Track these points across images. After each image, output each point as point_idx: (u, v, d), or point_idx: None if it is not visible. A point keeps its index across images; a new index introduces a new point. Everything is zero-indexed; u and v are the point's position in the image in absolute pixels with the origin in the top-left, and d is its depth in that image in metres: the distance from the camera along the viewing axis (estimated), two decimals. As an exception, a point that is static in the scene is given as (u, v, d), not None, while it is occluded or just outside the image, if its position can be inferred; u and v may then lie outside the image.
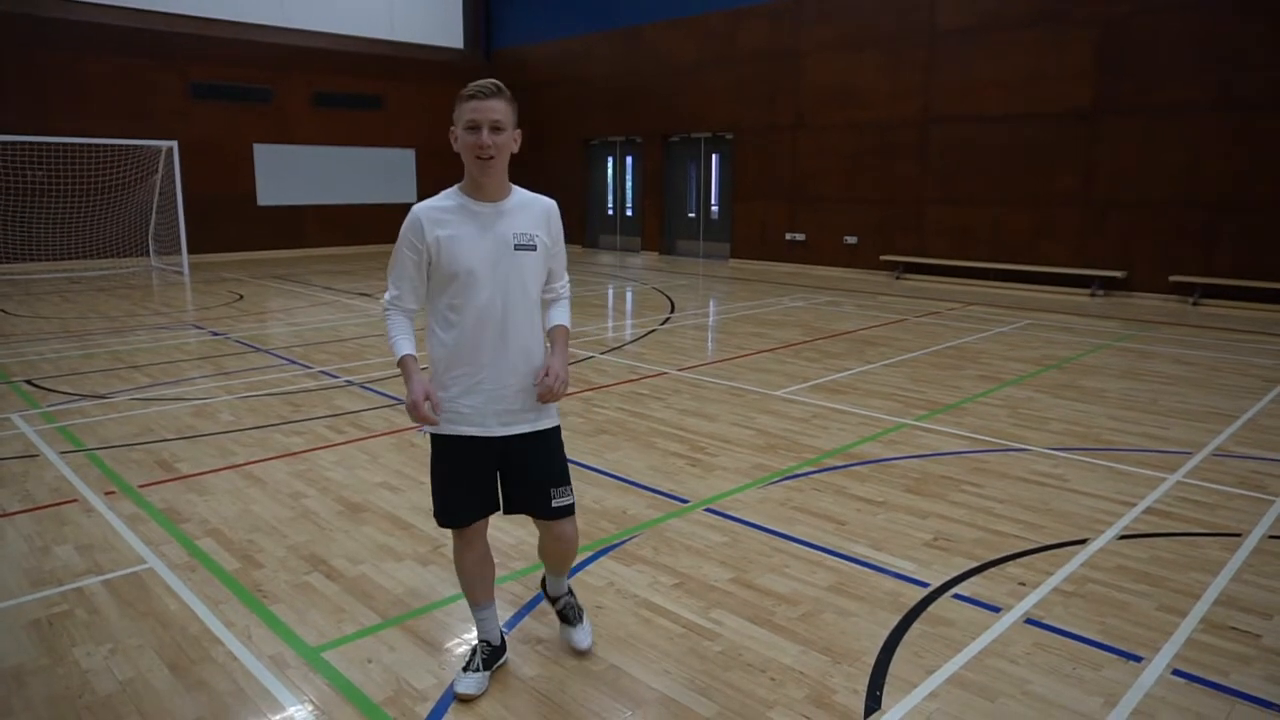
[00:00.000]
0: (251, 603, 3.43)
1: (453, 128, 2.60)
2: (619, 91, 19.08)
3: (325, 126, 19.12)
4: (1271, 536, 4.06)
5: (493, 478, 2.76)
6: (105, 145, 15.28)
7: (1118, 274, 12.42)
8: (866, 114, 14.97)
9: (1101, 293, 12.59)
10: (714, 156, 17.96)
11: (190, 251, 15.63)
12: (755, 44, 16.40)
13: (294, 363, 7.99)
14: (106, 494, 4.63)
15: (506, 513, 2.81)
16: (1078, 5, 12.42)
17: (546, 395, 2.65)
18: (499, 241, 2.60)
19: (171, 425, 5.96)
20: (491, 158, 2.53)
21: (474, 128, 2.51)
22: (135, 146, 15.55)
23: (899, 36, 14.38)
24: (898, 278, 14.79)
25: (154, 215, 16.24)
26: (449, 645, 3.14)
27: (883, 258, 15.03)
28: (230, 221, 17.88)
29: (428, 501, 4.50)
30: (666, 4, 17.77)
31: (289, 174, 18.69)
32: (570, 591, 3.12)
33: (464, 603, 3.43)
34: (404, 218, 2.63)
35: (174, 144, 15.16)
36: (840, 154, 15.45)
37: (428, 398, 2.56)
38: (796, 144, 16.06)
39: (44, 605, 3.41)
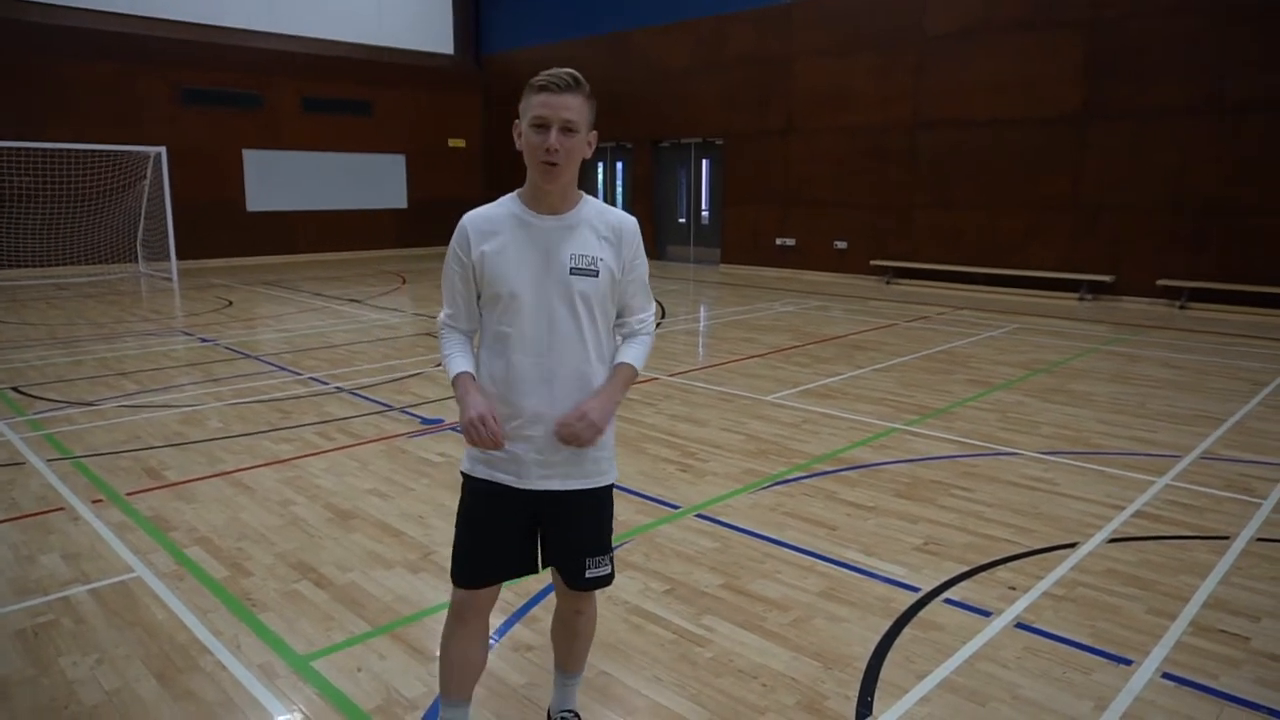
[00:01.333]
0: (240, 611, 3.40)
1: (517, 121, 2.18)
2: (609, 97, 19.07)
3: (315, 132, 19.07)
4: (1259, 539, 4.08)
5: (525, 536, 2.32)
6: (93, 151, 15.20)
7: (1106, 278, 12.49)
8: (856, 119, 15.02)
9: (1090, 297, 12.66)
10: (704, 161, 18.00)
11: (179, 257, 15.55)
12: (745, 49, 16.45)
13: (283, 369, 7.96)
14: (94, 502, 4.60)
15: (542, 567, 2.40)
16: (1066, 9, 12.51)
17: (565, 434, 2.17)
18: (552, 262, 2.18)
19: (159, 432, 5.92)
20: (557, 163, 2.11)
21: (541, 126, 2.10)
22: (123, 152, 15.48)
23: (888, 41, 14.45)
24: (888, 282, 14.83)
25: (142, 221, 16.16)
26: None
27: (873, 262, 15.08)
28: (219, 227, 17.81)
29: (417, 507, 4.51)
30: (656, 9, 17.81)
31: (278, 179, 18.63)
32: (577, 715, 2.63)
33: (454, 610, 3.42)
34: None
35: (163, 150, 15.09)
36: (830, 159, 15.49)
37: (491, 416, 2.14)
38: (787, 149, 16.11)
39: (29, 615, 3.37)
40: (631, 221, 2.30)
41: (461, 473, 2.34)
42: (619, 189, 20.01)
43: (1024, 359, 8.44)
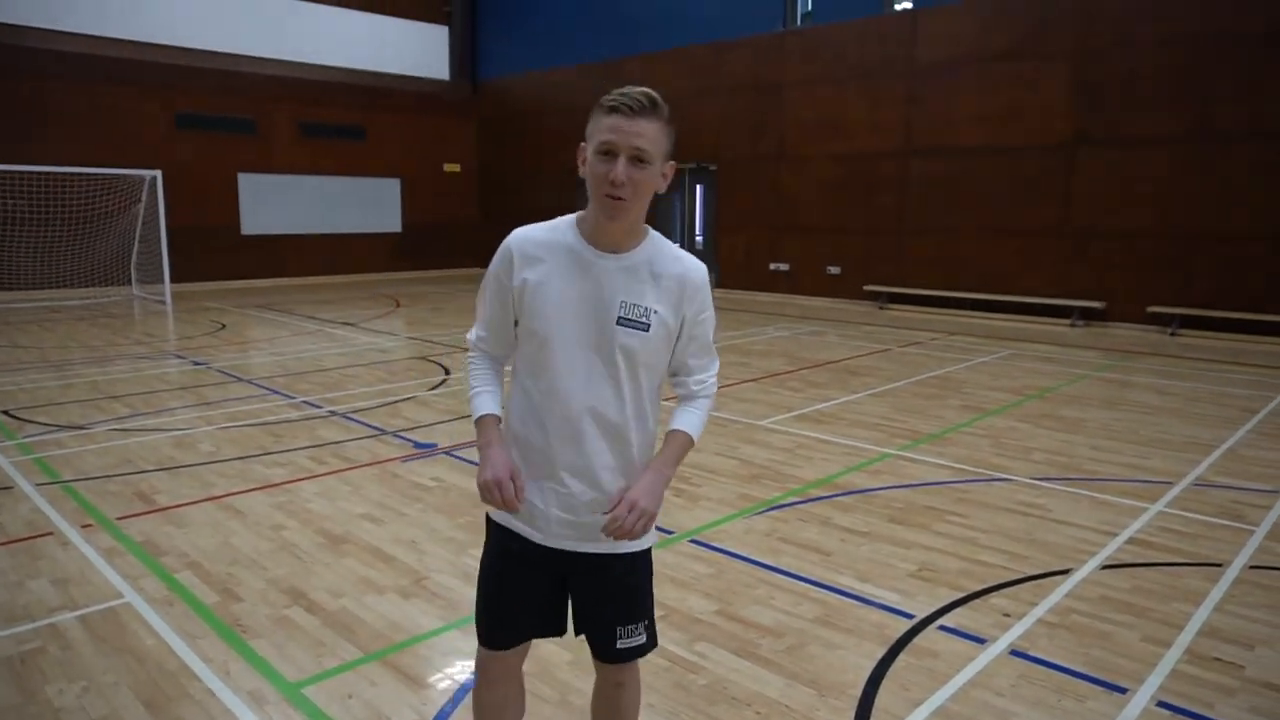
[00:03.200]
0: (230, 637, 3.37)
1: (583, 144, 1.90)
2: (604, 123, 19.23)
3: (310, 156, 19.15)
4: (1253, 566, 4.09)
5: (551, 594, 2.10)
6: (88, 175, 15.23)
7: (1097, 304, 12.58)
8: (849, 146, 15.16)
9: (1081, 323, 12.73)
10: (698, 187, 18.11)
11: (173, 281, 15.54)
12: (738, 77, 16.62)
13: (276, 393, 7.94)
14: (83, 527, 4.56)
15: (576, 634, 2.16)
16: (1054, 39, 12.69)
17: (614, 532, 1.92)
18: (600, 308, 1.92)
19: (151, 456, 5.89)
20: (624, 198, 1.84)
21: (608, 153, 1.82)
22: (118, 176, 15.52)
23: (879, 70, 14.62)
24: (881, 308, 14.90)
25: (136, 244, 16.16)
26: (432, 680, 3.10)
27: (866, 288, 15.15)
28: (214, 251, 17.82)
29: (410, 532, 4.49)
30: (650, 37, 18.01)
31: (273, 203, 18.68)
32: None
33: (449, 635, 3.40)
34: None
35: (158, 173, 15.13)
36: (823, 185, 15.62)
37: (512, 477, 1.94)
38: (780, 175, 16.23)
39: (15, 642, 3.34)
40: (700, 271, 2.01)
41: (486, 515, 2.13)
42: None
43: (1016, 384, 8.48)
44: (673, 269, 1.98)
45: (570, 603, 2.12)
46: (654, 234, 2.02)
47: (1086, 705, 2.92)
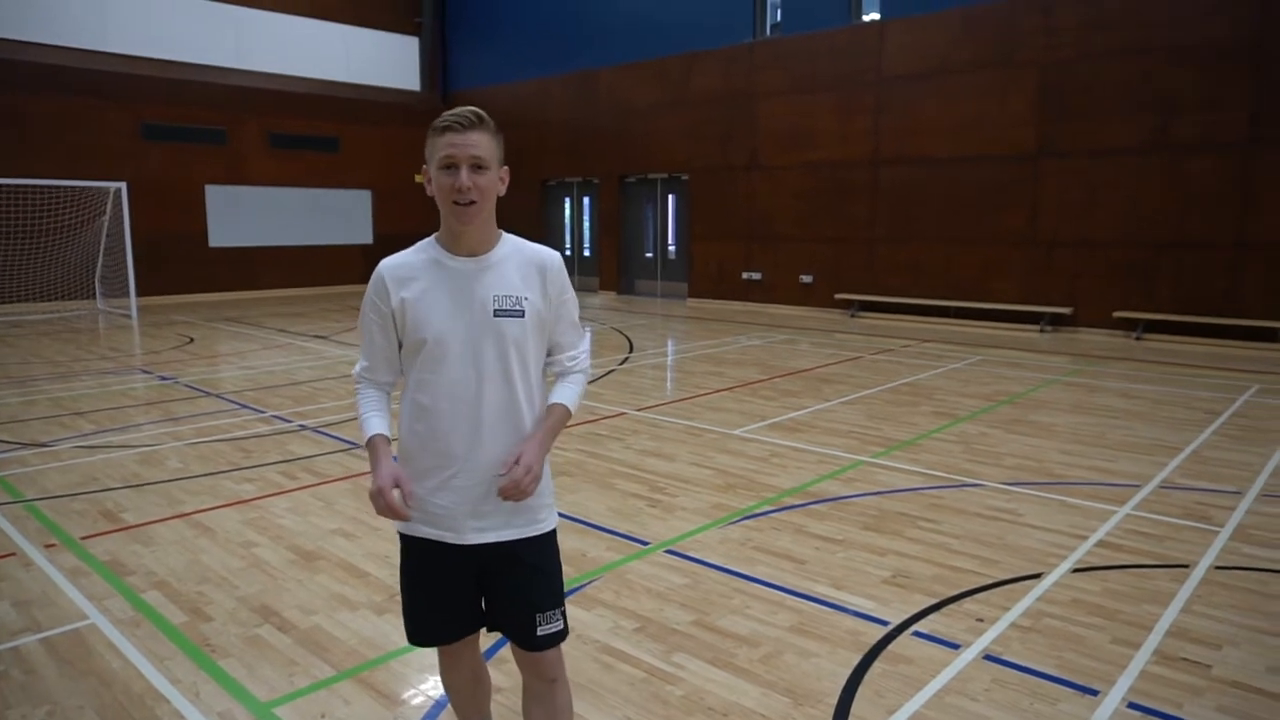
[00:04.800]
0: (199, 658, 3.32)
1: (425, 167, 2.15)
2: (575, 133, 19.27)
3: (280, 168, 19.00)
4: (1218, 567, 4.16)
5: (471, 591, 2.24)
6: (51, 186, 14.99)
7: (1065, 310, 12.77)
8: (819, 155, 15.30)
9: (1050, 329, 12.92)
10: (670, 197, 18.18)
11: (139, 294, 15.32)
12: (709, 87, 16.72)
13: (246, 407, 7.84)
14: (46, 546, 4.47)
15: (490, 629, 2.30)
16: (1019, 51, 12.90)
17: (509, 490, 2.06)
18: (475, 304, 2.11)
19: (116, 474, 5.79)
20: (472, 203, 2.06)
21: (450, 166, 2.06)
22: (83, 187, 15.28)
23: (849, 80, 14.77)
24: (853, 315, 15.02)
25: (101, 257, 15.91)
26: (406, 697, 3.06)
27: (837, 296, 15.27)
28: (181, 263, 17.60)
29: (383, 547, 4.45)
30: (621, 48, 18.07)
31: (243, 215, 18.50)
32: None
33: (424, 651, 3.36)
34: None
35: (123, 185, 14.92)
36: (794, 194, 15.74)
37: (397, 485, 2.09)
38: (751, 184, 16.33)
39: (-23, 666, 3.26)
40: (554, 256, 2.25)
41: (398, 532, 2.26)
42: (586, 224, 20.13)
43: (987, 390, 8.57)
44: (530, 259, 2.20)
45: (486, 601, 2.26)
46: (507, 235, 2.23)
47: (1059, 708, 2.95)
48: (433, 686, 3.12)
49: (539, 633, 2.19)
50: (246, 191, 18.52)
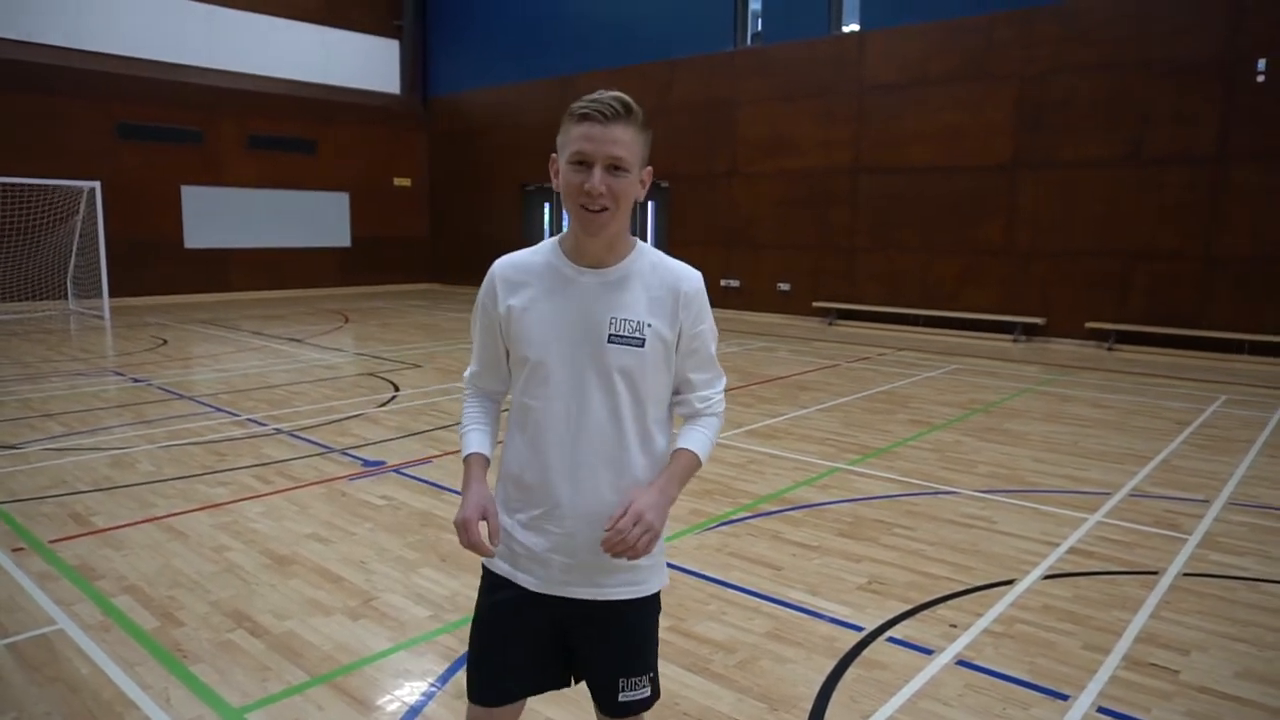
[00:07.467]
0: (170, 663, 3.28)
1: (554, 155, 1.82)
2: (555, 138, 19.23)
3: (258, 169, 18.84)
4: (1186, 574, 4.22)
5: (549, 646, 1.94)
6: (22, 185, 14.77)
7: (1038, 320, 12.92)
8: (799, 163, 15.40)
9: (1023, 338, 13.07)
10: (650, 203, 18.21)
11: (112, 295, 15.12)
12: (690, 94, 16.79)
13: (220, 410, 7.76)
14: (14, 550, 4.40)
15: (578, 681, 2.02)
16: (997, 63, 13.07)
17: (614, 545, 1.72)
18: (589, 327, 1.80)
19: (87, 476, 5.70)
20: (604, 209, 1.74)
21: (582, 163, 1.73)
22: (56, 186, 15.08)
23: (829, 89, 14.90)
24: (830, 323, 15.11)
25: (74, 257, 15.70)
26: (380, 703, 3.04)
27: (815, 304, 15.37)
28: (155, 264, 17.40)
29: (359, 552, 4.42)
30: (602, 54, 18.11)
31: (219, 216, 18.31)
32: None
33: (399, 656, 3.34)
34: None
35: (96, 184, 14.73)
36: (774, 202, 15.83)
37: (484, 517, 1.81)
38: (731, 191, 16.41)
39: (-59, 671, 3.20)
40: (694, 278, 1.89)
41: (482, 564, 1.98)
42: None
43: (962, 399, 8.66)
44: (664, 279, 1.86)
45: (569, 653, 1.97)
46: (642, 244, 1.91)
47: (1030, 713, 2.98)
48: (408, 692, 3.11)
49: (620, 699, 1.93)
50: (223, 193, 18.35)
